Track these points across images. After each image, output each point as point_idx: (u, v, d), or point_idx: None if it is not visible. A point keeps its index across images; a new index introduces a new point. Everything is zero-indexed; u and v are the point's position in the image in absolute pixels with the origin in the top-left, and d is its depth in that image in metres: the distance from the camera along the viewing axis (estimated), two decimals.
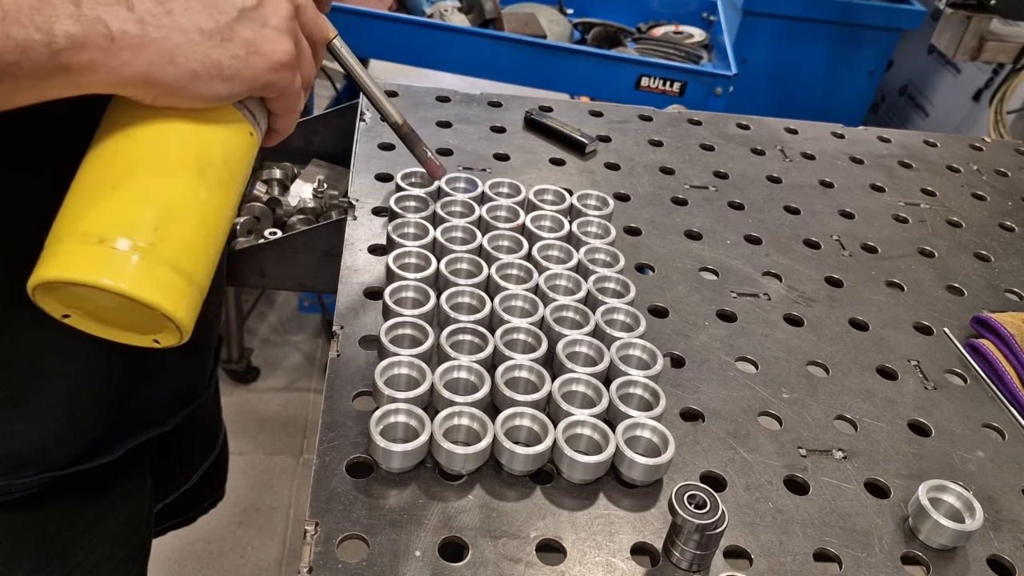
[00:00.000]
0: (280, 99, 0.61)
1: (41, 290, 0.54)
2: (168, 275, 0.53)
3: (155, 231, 0.53)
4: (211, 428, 1.12)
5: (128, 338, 0.60)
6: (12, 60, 0.47)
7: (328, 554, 0.63)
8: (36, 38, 0.48)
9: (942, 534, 0.70)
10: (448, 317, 0.82)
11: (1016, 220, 1.21)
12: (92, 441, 0.79)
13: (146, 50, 0.51)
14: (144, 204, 0.54)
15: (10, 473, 0.74)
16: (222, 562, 2.04)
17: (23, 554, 0.78)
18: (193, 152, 0.57)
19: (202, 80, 0.54)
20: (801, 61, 2.88)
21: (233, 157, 0.60)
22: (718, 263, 1.02)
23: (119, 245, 0.52)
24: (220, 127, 0.58)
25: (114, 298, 0.52)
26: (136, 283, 0.52)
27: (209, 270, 0.58)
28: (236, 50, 0.55)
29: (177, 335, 0.57)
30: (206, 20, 0.53)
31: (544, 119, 1.21)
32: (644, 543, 0.68)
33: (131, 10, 0.51)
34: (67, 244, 0.52)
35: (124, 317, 0.57)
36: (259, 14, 0.56)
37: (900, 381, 0.89)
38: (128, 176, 0.55)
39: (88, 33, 0.49)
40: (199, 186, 0.56)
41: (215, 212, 0.58)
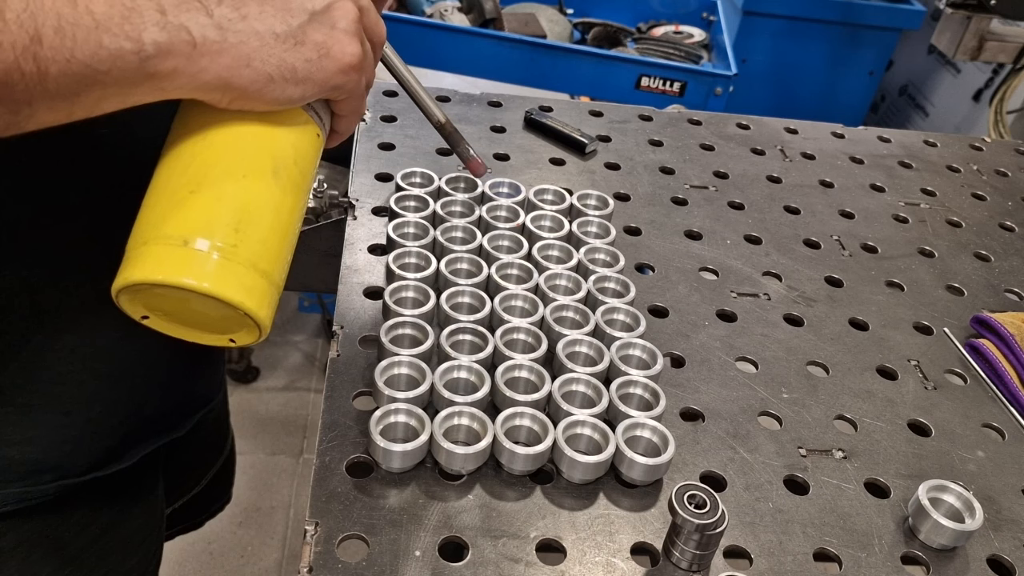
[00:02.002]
0: (346, 101, 0.61)
1: (125, 293, 0.55)
2: (249, 274, 0.54)
3: (236, 232, 0.54)
4: (220, 433, 1.13)
5: (204, 338, 0.61)
6: (104, 69, 0.48)
7: (328, 554, 0.63)
8: (126, 47, 0.48)
9: (942, 534, 0.70)
10: (448, 317, 0.82)
11: (1016, 220, 1.21)
12: (108, 448, 0.79)
13: (224, 55, 0.52)
14: (223, 206, 0.55)
15: (27, 479, 0.74)
16: (222, 562, 2.04)
17: (37, 560, 0.79)
18: (267, 154, 0.58)
19: (276, 83, 0.54)
20: (801, 61, 2.88)
21: (303, 158, 0.61)
22: (718, 263, 1.02)
23: (202, 246, 0.53)
24: (291, 129, 0.59)
25: (197, 298, 0.53)
26: (220, 283, 0.53)
27: (284, 269, 0.59)
28: (308, 53, 0.55)
29: (256, 334, 0.58)
30: (279, 24, 0.54)
31: (544, 119, 1.21)
32: (644, 543, 0.68)
33: (210, 16, 0.51)
34: (152, 247, 0.53)
35: (203, 317, 0.58)
36: (328, 17, 0.56)
37: (900, 381, 0.89)
38: (206, 179, 0.56)
39: (173, 40, 0.50)
40: (274, 187, 0.57)
41: (288, 212, 0.59)
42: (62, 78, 0.47)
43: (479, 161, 0.91)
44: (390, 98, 1.23)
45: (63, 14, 0.46)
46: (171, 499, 1.02)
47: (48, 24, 0.46)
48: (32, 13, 0.45)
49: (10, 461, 0.73)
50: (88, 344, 0.73)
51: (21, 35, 0.45)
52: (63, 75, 0.47)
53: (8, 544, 0.76)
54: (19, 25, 0.45)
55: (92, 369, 0.74)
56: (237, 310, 0.54)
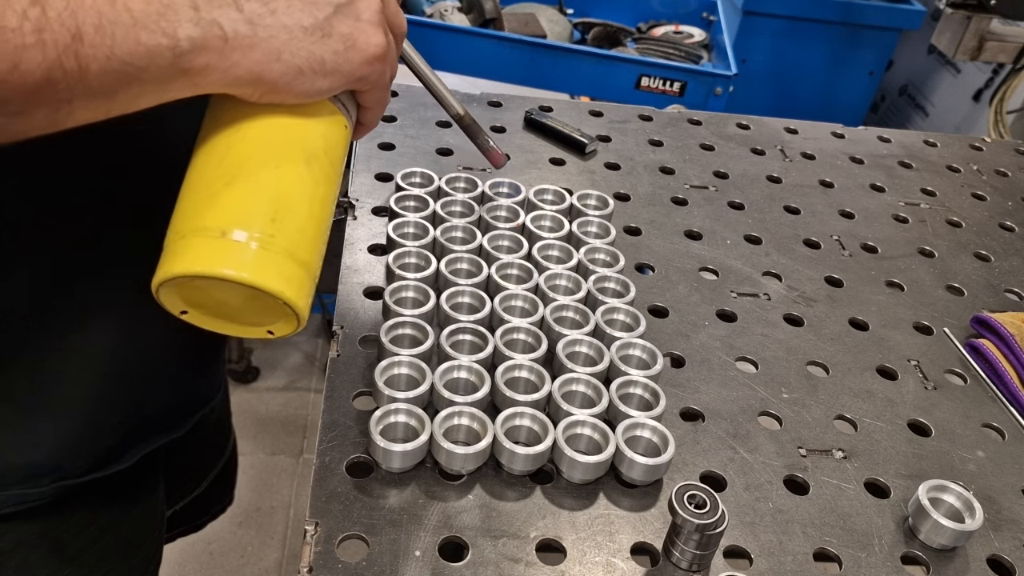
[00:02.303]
0: (371, 92, 0.62)
1: (166, 287, 0.55)
2: (288, 264, 0.55)
3: (273, 222, 0.54)
4: (221, 433, 1.13)
5: (242, 331, 0.61)
6: (142, 65, 0.49)
7: (328, 554, 0.63)
8: (163, 43, 0.49)
9: (942, 534, 0.70)
10: (448, 317, 0.82)
11: (1016, 220, 1.21)
12: (108, 448, 0.79)
13: (255, 50, 0.52)
14: (260, 197, 0.55)
15: (26, 481, 0.74)
16: (222, 562, 2.04)
17: (36, 561, 0.78)
18: (299, 145, 0.58)
19: (306, 76, 0.55)
20: (801, 61, 2.88)
21: (333, 149, 0.61)
22: (718, 263, 1.02)
23: (241, 237, 0.53)
24: (320, 121, 0.60)
25: (236, 289, 0.54)
26: (260, 273, 0.53)
27: (320, 259, 0.59)
28: (336, 45, 0.56)
29: (294, 324, 0.58)
30: (307, 17, 0.54)
31: (544, 119, 1.21)
32: (644, 543, 0.68)
33: (240, 11, 0.52)
34: (191, 240, 0.54)
35: (241, 310, 0.59)
36: (353, 9, 0.57)
37: (900, 381, 0.89)
38: (241, 171, 0.56)
39: (206, 35, 0.50)
40: (307, 177, 0.58)
41: (322, 203, 0.59)
42: (102, 75, 0.47)
43: (499, 152, 0.91)
44: (390, 97, 1.23)
45: (103, 12, 0.47)
46: (172, 500, 1.02)
47: (88, 22, 0.46)
48: (73, 11, 0.46)
49: (9, 462, 0.73)
50: (89, 344, 0.73)
51: (63, 33, 0.45)
52: (103, 72, 0.47)
53: (7, 545, 0.76)
54: (61, 23, 0.45)
55: (92, 369, 0.74)
56: (276, 300, 0.55)
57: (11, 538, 0.76)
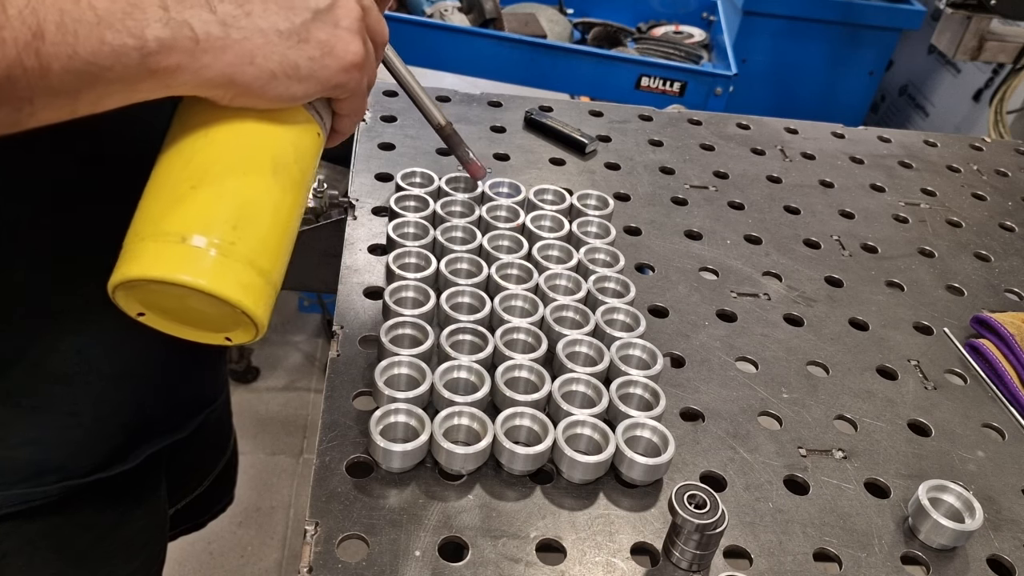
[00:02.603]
0: (348, 100, 0.61)
1: (122, 288, 0.54)
2: (247, 272, 0.54)
3: (234, 230, 0.54)
4: (223, 433, 1.13)
5: (201, 336, 0.60)
6: (106, 65, 0.48)
7: (328, 554, 0.63)
8: (129, 43, 0.48)
9: (942, 534, 0.70)
10: (448, 317, 0.81)
11: (1016, 220, 1.21)
12: (112, 448, 0.79)
13: (228, 52, 0.52)
14: (223, 203, 0.55)
15: (31, 480, 0.74)
16: (222, 562, 2.04)
17: (41, 562, 0.78)
18: (268, 152, 0.58)
19: (279, 80, 0.54)
20: (801, 61, 2.88)
21: (303, 157, 0.60)
22: (718, 263, 1.02)
23: (200, 243, 0.53)
24: (292, 127, 0.59)
25: (194, 295, 0.53)
26: (217, 280, 0.53)
27: (282, 268, 0.59)
28: (312, 51, 0.55)
29: (252, 332, 0.58)
30: (283, 21, 0.54)
31: (544, 119, 1.21)
32: (644, 543, 0.68)
33: (213, 12, 0.51)
34: (150, 243, 0.53)
35: (200, 315, 0.58)
36: (332, 15, 0.56)
37: (900, 381, 0.89)
38: (206, 175, 0.55)
39: (176, 36, 0.49)
40: (274, 185, 0.57)
41: (288, 211, 0.59)
42: (64, 75, 0.47)
43: (478, 164, 0.91)
44: (390, 98, 1.23)
45: (65, 10, 0.46)
46: (174, 500, 1.02)
47: (50, 19, 0.45)
48: (34, 8, 0.45)
49: (14, 462, 0.73)
50: (92, 345, 0.73)
51: (23, 31, 0.45)
52: (65, 71, 0.47)
53: (12, 545, 0.76)
54: (21, 20, 0.44)
55: (96, 370, 0.74)
56: (234, 308, 0.54)
57: (15, 538, 0.76)
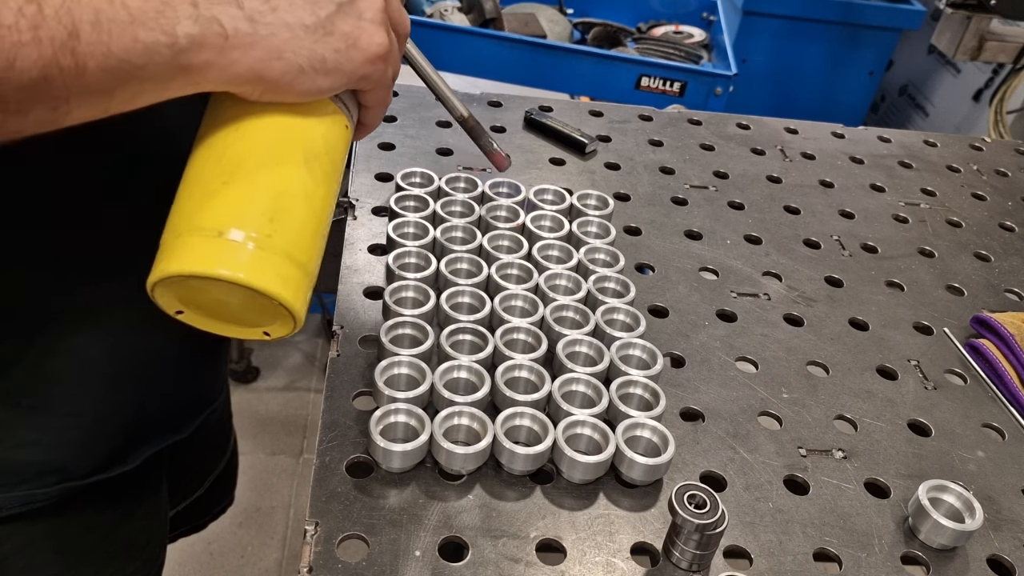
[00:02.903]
0: (373, 91, 0.61)
1: (161, 286, 0.54)
2: (285, 265, 0.54)
3: (270, 222, 0.54)
4: (223, 435, 1.13)
5: (238, 332, 0.61)
6: (139, 63, 0.48)
7: (328, 554, 0.63)
8: (161, 40, 0.48)
9: (942, 534, 0.70)
10: (448, 317, 0.81)
11: (1016, 220, 1.21)
12: (113, 450, 0.79)
13: (256, 48, 0.52)
14: (258, 196, 0.55)
15: (32, 482, 0.74)
16: (222, 562, 2.04)
17: (42, 563, 0.78)
18: (299, 145, 0.58)
19: (307, 75, 0.55)
20: (801, 61, 2.88)
21: (334, 149, 0.61)
22: (718, 263, 1.02)
23: (237, 237, 0.53)
24: (321, 120, 0.59)
25: (233, 289, 0.53)
26: (256, 273, 0.53)
27: (318, 260, 0.59)
28: (337, 44, 0.55)
29: (291, 325, 0.58)
30: (308, 15, 0.54)
31: (544, 119, 1.21)
32: (644, 543, 0.68)
33: (241, 8, 0.51)
34: (187, 238, 0.53)
35: (237, 310, 0.58)
36: (355, 8, 0.56)
37: (900, 381, 0.89)
38: (239, 170, 0.56)
39: (206, 33, 0.50)
40: (307, 177, 0.57)
41: (321, 203, 0.59)
42: (100, 73, 0.47)
43: (502, 154, 0.91)
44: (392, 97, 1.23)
45: (100, 9, 0.46)
46: (174, 501, 1.02)
47: (85, 19, 0.46)
48: (69, 8, 0.45)
49: (14, 463, 0.73)
50: (93, 346, 0.73)
51: (59, 30, 0.45)
52: (100, 70, 0.47)
53: (12, 547, 0.76)
54: (57, 20, 0.45)
55: (97, 371, 0.74)
56: (272, 300, 0.54)
57: (16, 539, 0.76)
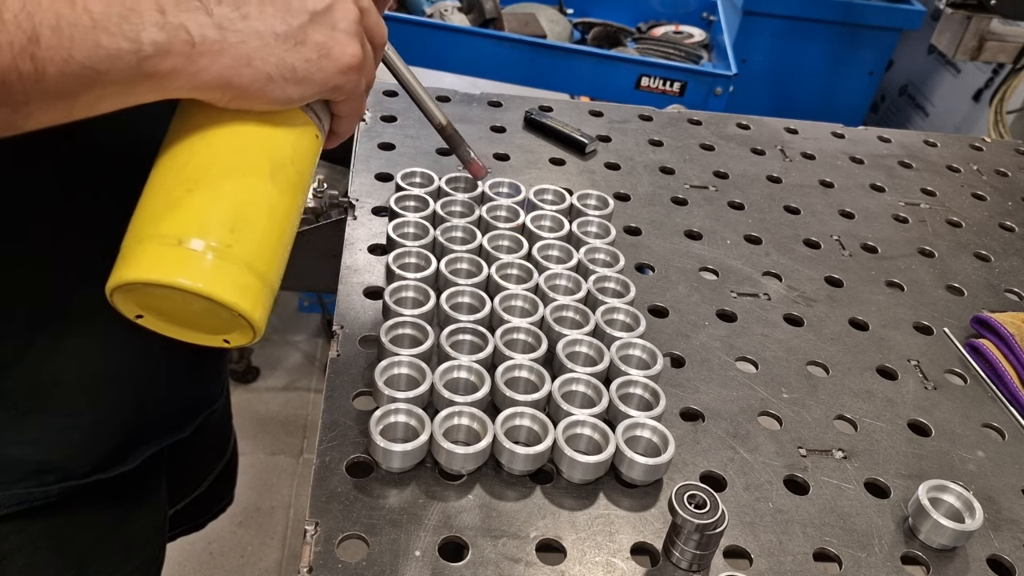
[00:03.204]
0: (346, 102, 0.61)
1: (120, 291, 0.54)
2: (244, 275, 0.54)
3: (231, 232, 0.54)
4: (223, 434, 1.13)
5: (199, 338, 0.61)
6: (102, 69, 0.48)
7: (328, 554, 0.63)
8: (125, 47, 0.48)
9: (942, 534, 0.70)
10: (448, 317, 0.81)
11: (1016, 220, 1.21)
12: (112, 449, 0.79)
13: (224, 55, 0.52)
14: (219, 206, 0.55)
15: (31, 481, 0.74)
16: (222, 562, 2.04)
17: (41, 562, 0.78)
18: (265, 154, 0.58)
19: (276, 83, 0.54)
20: (801, 61, 2.88)
21: (301, 159, 0.60)
22: (718, 263, 1.02)
23: (197, 246, 0.53)
24: (289, 129, 0.59)
25: (191, 298, 0.53)
26: (214, 283, 0.53)
27: (280, 270, 0.59)
28: (308, 53, 0.55)
29: (250, 335, 0.58)
30: (280, 24, 0.54)
31: (544, 119, 1.21)
32: (644, 543, 0.68)
33: (210, 15, 0.51)
34: (147, 245, 0.53)
35: (198, 317, 0.58)
36: (329, 18, 0.56)
37: (900, 381, 0.89)
38: (203, 178, 0.55)
39: (172, 40, 0.50)
40: (271, 188, 0.57)
41: (285, 213, 0.59)
42: (60, 78, 0.47)
43: (479, 164, 0.91)
44: (390, 98, 1.23)
45: (61, 14, 0.46)
46: (174, 500, 1.02)
47: (46, 23, 0.45)
48: (29, 13, 0.45)
49: (14, 462, 0.73)
50: (92, 346, 0.73)
51: (19, 35, 0.45)
52: (61, 75, 0.47)
53: (12, 546, 0.76)
54: (16, 25, 0.45)
55: (96, 371, 0.74)
56: (231, 311, 0.54)
57: (15, 538, 0.76)
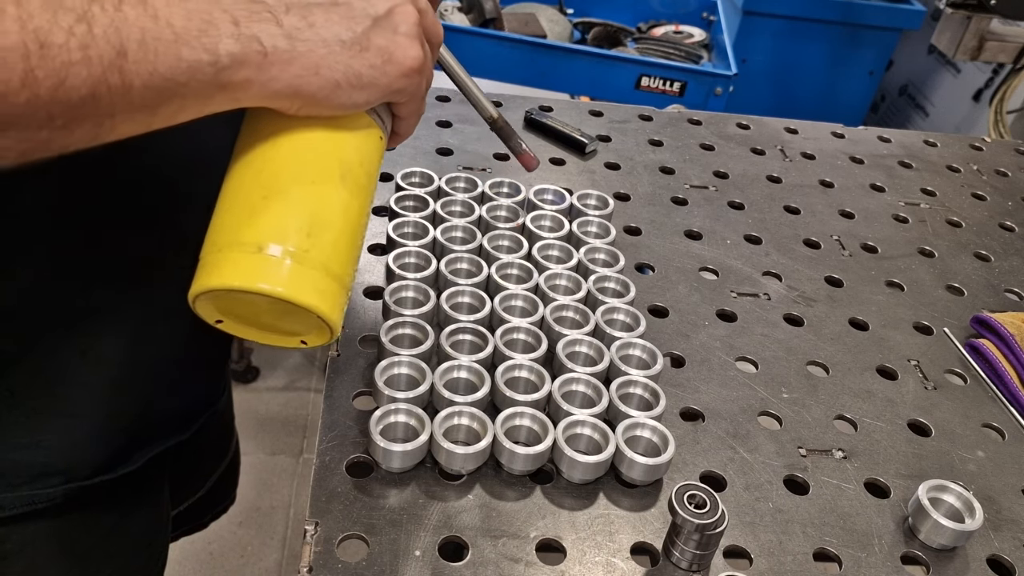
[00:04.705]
0: (408, 103, 0.62)
1: (202, 298, 0.56)
2: (322, 278, 0.56)
3: (308, 237, 0.55)
4: (225, 434, 1.13)
5: (276, 340, 0.62)
6: (182, 81, 0.49)
7: (328, 554, 0.63)
8: (204, 59, 0.49)
9: (942, 534, 0.70)
10: (448, 317, 0.81)
11: (1016, 220, 1.21)
12: (116, 450, 0.79)
13: (294, 64, 0.53)
14: (295, 212, 0.56)
15: (35, 482, 0.74)
16: (222, 562, 2.04)
17: (44, 563, 0.79)
18: (335, 158, 0.59)
19: (343, 89, 0.55)
20: (801, 61, 2.88)
21: (368, 161, 0.62)
22: (718, 263, 1.02)
23: (276, 252, 0.54)
24: (356, 133, 0.60)
25: (272, 302, 0.55)
26: (295, 287, 0.54)
27: (354, 271, 0.60)
28: (373, 59, 0.56)
29: (327, 335, 0.59)
30: (345, 31, 0.55)
31: (544, 119, 1.21)
32: (644, 543, 0.68)
33: (280, 25, 0.52)
34: (228, 253, 0.55)
35: (276, 320, 0.59)
36: (390, 22, 0.57)
37: (900, 381, 0.89)
38: (278, 185, 0.57)
39: (246, 51, 0.51)
40: (342, 191, 0.59)
41: (356, 215, 0.60)
42: (145, 91, 0.48)
43: (531, 155, 0.91)
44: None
45: (146, 28, 0.47)
46: (176, 501, 1.02)
47: (132, 38, 0.47)
48: (117, 28, 0.46)
49: (17, 464, 0.73)
50: (96, 348, 0.73)
51: (108, 49, 0.46)
52: (145, 87, 0.48)
53: (15, 546, 0.76)
54: (106, 39, 0.46)
55: (99, 373, 0.74)
56: (310, 313, 0.55)
57: (18, 539, 0.76)
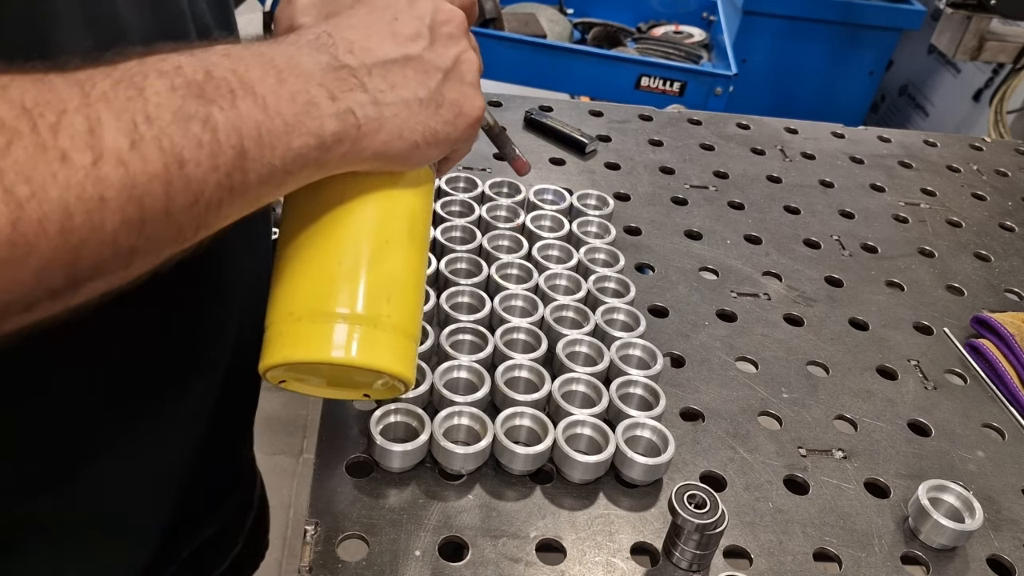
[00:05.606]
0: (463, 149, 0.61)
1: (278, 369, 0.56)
2: (402, 342, 0.56)
3: (388, 302, 0.55)
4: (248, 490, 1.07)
5: (339, 394, 0.62)
6: (292, 170, 0.48)
7: (328, 554, 0.63)
8: (311, 143, 0.48)
9: (942, 534, 0.70)
10: (448, 317, 0.81)
11: (1016, 220, 1.21)
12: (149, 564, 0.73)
13: (382, 131, 0.52)
14: (374, 277, 0.55)
15: None
16: None
17: None
18: (404, 216, 0.58)
19: (421, 149, 0.54)
20: (801, 61, 2.88)
21: (427, 211, 0.61)
22: (718, 263, 1.02)
23: (362, 321, 0.54)
24: (419, 186, 0.60)
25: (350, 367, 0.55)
26: (378, 356, 0.54)
27: (420, 323, 0.60)
28: (446, 114, 0.55)
29: (400, 390, 0.59)
30: (421, 88, 0.53)
31: (544, 119, 1.21)
32: (644, 543, 0.68)
33: (366, 91, 0.51)
34: (310, 325, 0.54)
35: (342, 375, 0.59)
36: (458, 72, 0.56)
37: (900, 381, 0.89)
38: (354, 249, 0.56)
39: (345, 127, 0.49)
40: (412, 250, 0.58)
41: (420, 268, 0.59)
42: (260, 186, 0.47)
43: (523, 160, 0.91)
44: None
45: (260, 122, 0.45)
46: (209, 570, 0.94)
47: (250, 136, 0.45)
48: (237, 128, 0.45)
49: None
50: (117, 478, 0.66)
51: (231, 153, 0.44)
52: (260, 183, 0.47)
53: None
54: (229, 143, 0.44)
55: (129, 505, 0.68)
56: (392, 376, 0.56)
57: None
